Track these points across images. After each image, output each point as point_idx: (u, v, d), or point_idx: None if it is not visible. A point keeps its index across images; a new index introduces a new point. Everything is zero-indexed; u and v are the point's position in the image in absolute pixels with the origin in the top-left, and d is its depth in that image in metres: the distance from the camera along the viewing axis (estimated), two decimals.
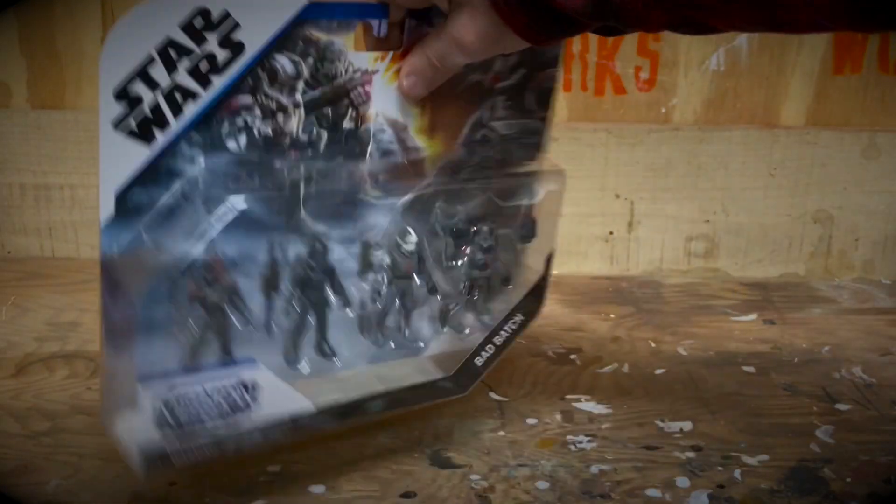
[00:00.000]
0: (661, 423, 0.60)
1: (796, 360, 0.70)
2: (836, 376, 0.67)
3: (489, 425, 0.59)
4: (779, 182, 0.85)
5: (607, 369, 0.68)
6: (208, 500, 0.51)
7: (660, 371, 0.68)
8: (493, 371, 0.59)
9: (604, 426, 0.60)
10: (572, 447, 0.57)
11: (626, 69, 0.84)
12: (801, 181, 0.85)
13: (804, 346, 0.72)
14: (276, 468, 0.54)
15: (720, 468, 0.55)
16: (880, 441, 0.58)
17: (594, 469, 0.54)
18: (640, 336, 0.74)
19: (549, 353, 0.70)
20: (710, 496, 0.52)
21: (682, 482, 0.53)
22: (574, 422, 0.60)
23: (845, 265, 0.87)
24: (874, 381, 0.66)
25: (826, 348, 0.72)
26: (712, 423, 0.60)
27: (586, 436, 0.58)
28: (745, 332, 0.75)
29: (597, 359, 0.69)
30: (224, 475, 0.53)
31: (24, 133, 0.83)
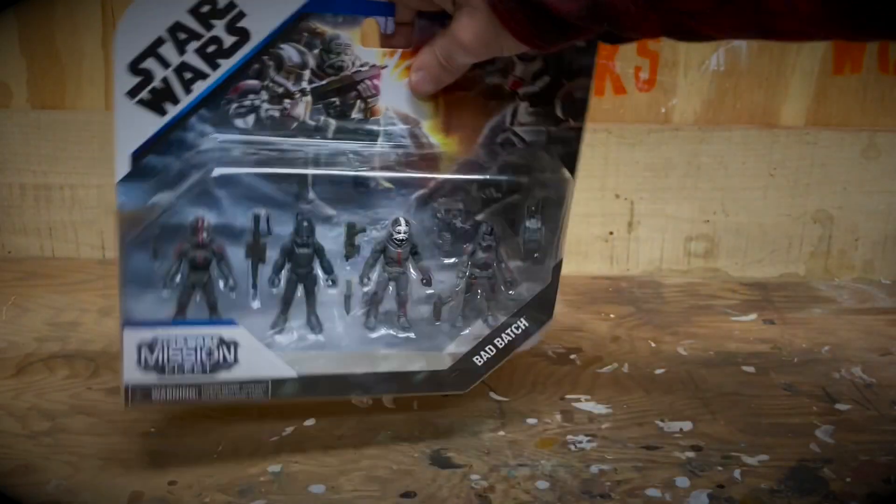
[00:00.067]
0: (660, 423, 0.60)
1: (796, 360, 0.70)
2: (836, 376, 0.67)
3: (489, 425, 0.59)
4: (778, 182, 0.85)
5: (607, 369, 0.68)
6: (208, 500, 0.51)
7: (660, 371, 0.68)
8: (493, 372, 0.59)
9: (604, 426, 0.60)
10: (572, 447, 0.57)
11: (625, 69, 0.84)
12: (801, 181, 0.85)
13: (804, 346, 0.72)
14: (277, 468, 0.54)
15: (720, 468, 0.55)
16: (880, 441, 0.58)
17: (594, 469, 0.54)
18: (640, 336, 0.74)
19: (549, 353, 0.70)
20: (710, 496, 0.52)
21: (682, 482, 0.53)
22: (574, 422, 0.60)
23: (845, 265, 0.87)
24: (874, 381, 0.66)
25: (826, 348, 0.72)
26: (712, 422, 0.60)
27: (586, 436, 0.58)
28: (744, 332, 0.75)
29: (597, 359, 0.69)
30: (224, 475, 0.53)
31: (24, 133, 0.83)
